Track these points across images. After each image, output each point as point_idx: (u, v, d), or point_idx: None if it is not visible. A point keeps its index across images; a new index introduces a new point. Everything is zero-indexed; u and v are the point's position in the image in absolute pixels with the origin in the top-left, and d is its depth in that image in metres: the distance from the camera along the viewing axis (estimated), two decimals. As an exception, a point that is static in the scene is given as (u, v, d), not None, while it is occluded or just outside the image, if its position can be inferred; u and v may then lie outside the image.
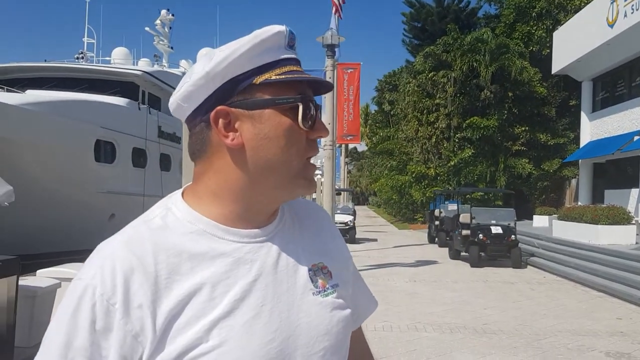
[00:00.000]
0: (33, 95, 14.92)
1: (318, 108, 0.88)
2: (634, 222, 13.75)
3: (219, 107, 0.84)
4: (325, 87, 0.92)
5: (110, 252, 0.82)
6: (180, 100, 0.87)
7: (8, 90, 13.91)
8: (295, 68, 0.86)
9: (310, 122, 0.86)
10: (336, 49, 12.81)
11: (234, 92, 0.84)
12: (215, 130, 0.84)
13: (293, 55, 0.87)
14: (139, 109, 19.62)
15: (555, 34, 23.59)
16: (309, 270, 0.92)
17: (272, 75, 0.83)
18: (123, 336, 0.77)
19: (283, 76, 0.84)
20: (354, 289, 1.04)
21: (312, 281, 0.91)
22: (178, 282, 0.81)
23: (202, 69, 0.84)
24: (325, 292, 0.92)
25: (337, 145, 19.64)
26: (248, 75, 0.83)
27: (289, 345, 0.85)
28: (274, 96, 0.84)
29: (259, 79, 0.83)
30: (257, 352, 0.81)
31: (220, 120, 0.84)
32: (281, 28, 0.85)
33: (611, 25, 17.92)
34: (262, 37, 0.83)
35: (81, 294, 0.78)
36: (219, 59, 0.83)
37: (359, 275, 1.11)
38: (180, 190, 0.93)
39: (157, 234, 0.84)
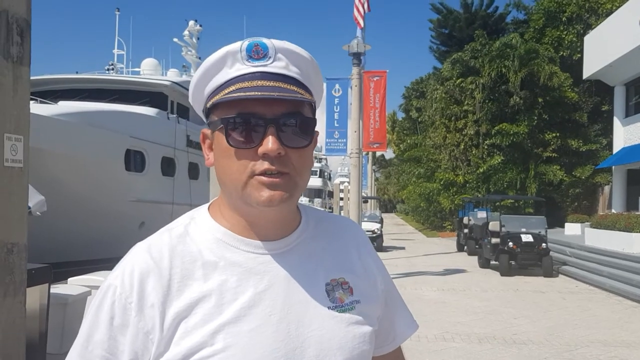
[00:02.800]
0: (65, 106, 15.28)
1: (273, 122, 0.85)
2: (669, 229, 13.38)
3: (202, 130, 0.94)
4: (271, 99, 0.85)
5: (132, 255, 0.90)
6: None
7: (41, 102, 14.26)
8: (253, 83, 0.85)
9: (240, 140, 0.85)
10: (362, 57, 12.80)
11: (207, 114, 0.92)
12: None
13: (252, 70, 0.86)
14: (168, 118, 19.91)
15: (586, 39, 23.19)
16: (327, 284, 0.94)
17: (220, 96, 0.87)
18: (136, 332, 0.83)
19: (223, 97, 0.86)
20: (388, 308, 1.05)
21: (329, 295, 0.93)
22: (190, 287, 0.86)
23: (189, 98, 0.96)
24: (343, 308, 0.93)
25: (364, 153, 19.57)
26: (209, 99, 0.90)
27: (296, 356, 0.86)
28: (219, 118, 0.88)
29: (209, 102, 0.90)
30: (260, 359, 0.84)
31: (207, 141, 0.94)
32: (231, 47, 0.87)
33: (644, 29, 17.53)
34: (209, 64, 0.88)
35: (104, 292, 0.87)
36: (190, 88, 0.93)
37: (397, 295, 1.10)
38: (208, 203, 0.99)
39: (176, 241, 0.90)
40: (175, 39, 27.74)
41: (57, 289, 5.64)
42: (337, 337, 0.90)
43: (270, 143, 0.84)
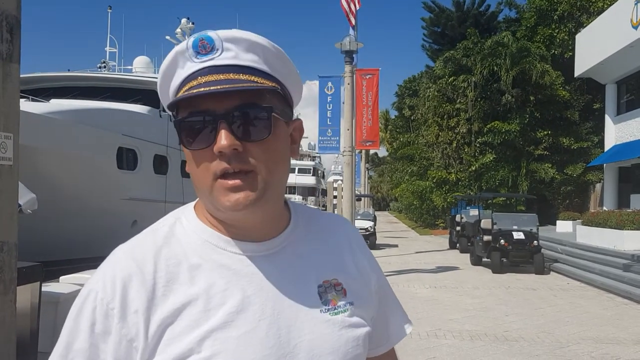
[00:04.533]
0: (57, 104, 15.21)
1: (210, 119, 0.80)
2: (660, 227, 13.48)
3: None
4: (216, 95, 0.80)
5: (114, 259, 0.85)
6: None
7: (33, 100, 14.18)
8: (202, 80, 0.80)
9: (194, 141, 0.81)
10: (354, 55, 12.81)
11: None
12: None
13: (200, 66, 0.82)
14: (160, 116, 19.84)
15: (578, 37, 23.30)
16: (319, 286, 0.90)
17: (171, 101, 0.85)
18: (119, 340, 0.79)
19: (173, 99, 0.83)
20: (382, 308, 1.01)
21: (321, 298, 0.89)
22: (175, 291, 0.81)
23: None
24: (336, 310, 0.89)
25: (358, 151, 19.59)
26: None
27: None
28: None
29: (166, 108, 0.87)
30: None
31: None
32: (179, 47, 0.84)
33: (635, 27, 17.63)
34: (162, 71, 0.86)
35: (85, 298, 0.82)
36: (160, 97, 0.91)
37: (391, 294, 1.06)
38: (194, 202, 0.94)
39: (161, 243, 0.86)
40: (167, 37, 27.62)
41: (49, 287, 5.61)
42: (329, 342, 0.86)
43: (223, 139, 0.78)
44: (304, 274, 0.89)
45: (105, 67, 24.81)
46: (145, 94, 19.86)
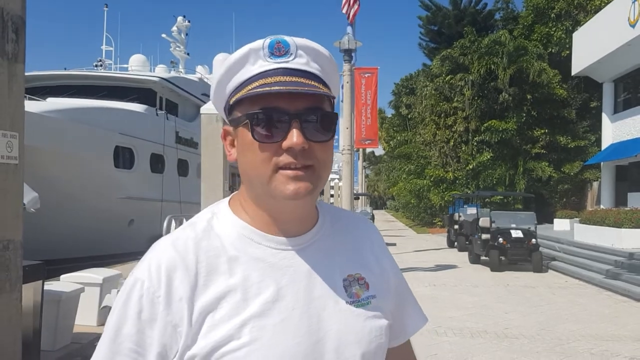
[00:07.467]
0: (54, 103, 15.18)
1: (297, 117, 0.87)
2: (657, 225, 13.53)
3: (224, 127, 0.95)
4: (304, 91, 0.87)
5: (158, 250, 0.91)
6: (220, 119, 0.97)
7: (30, 99, 14.13)
8: (276, 79, 0.87)
9: (265, 134, 0.87)
10: (353, 54, 12.82)
11: (228, 112, 0.94)
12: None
13: (274, 66, 0.88)
14: (157, 114, 19.83)
15: (575, 35, 23.35)
16: (344, 280, 0.97)
17: (243, 93, 0.88)
18: (164, 326, 0.85)
19: (247, 93, 0.88)
20: (399, 303, 1.08)
21: (346, 291, 0.96)
22: (215, 281, 0.88)
23: (210, 96, 0.97)
24: (360, 302, 0.96)
25: (355, 149, 19.60)
26: (232, 95, 0.91)
27: (317, 349, 0.89)
28: (243, 114, 0.90)
29: (232, 99, 0.91)
30: (285, 352, 0.86)
31: (228, 138, 0.96)
32: (253, 45, 0.89)
33: (633, 25, 17.67)
34: (233, 60, 0.90)
35: (131, 287, 0.88)
36: (212, 86, 0.94)
37: (408, 290, 1.14)
38: (228, 197, 1.01)
39: (201, 236, 0.92)
40: (163, 35, 27.64)
41: (51, 286, 5.61)
42: (354, 331, 0.93)
43: (295, 137, 0.86)
44: (330, 268, 0.96)
45: (101, 65, 24.78)
46: (142, 93, 19.85)
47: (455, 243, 18.87)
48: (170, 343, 0.85)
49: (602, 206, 20.60)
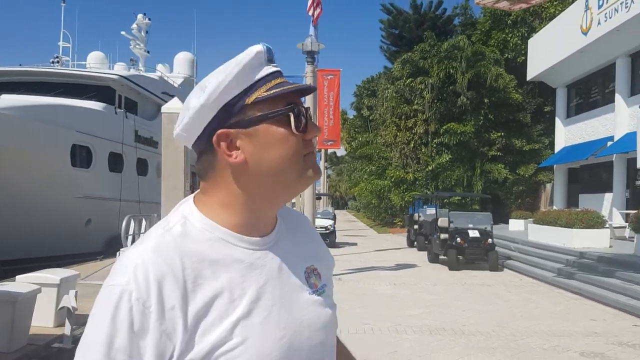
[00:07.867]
0: (8, 99, 14.70)
1: (307, 110, 0.98)
2: (607, 225, 14.07)
3: (219, 131, 0.93)
4: (309, 89, 1.02)
5: (141, 259, 0.88)
6: (182, 131, 0.97)
7: (-18, 95, 13.69)
8: (279, 80, 0.95)
9: (302, 126, 0.95)
10: (316, 56, 12.88)
11: (230, 114, 0.93)
12: (219, 151, 0.93)
13: (275, 69, 0.96)
14: (116, 113, 19.44)
15: (530, 42, 24.01)
16: (305, 272, 1.04)
17: (261, 93, 0.93)
18: (159, 336, 0.84)
19: (271, 91, 0.93)
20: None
21: (307, 282, 1.03)
22: (202, 286, 0.89)
23: (197, 103, 0.93)
24: (318, 292, 1.04)
25: (317, 150, 19.69)
26: (239, 98, 0.93)
27: (296, 339, 0.95)
28: (266, 111, 0.93)
29: (249, 99, 0.93)
30: (272, 346, 0.91)
31: (222, 143, 0.93)
32: (259, 48, 0.94)
33: (585, 33, 18.32)
34: (244, 62, 0.92)
35: (118, 298, 0.85)
36: (210, 91, 0.92)
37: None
38: (191, 200, 1.00)
39: (179, 241, 0.92)
40: (123, 32, 27.09)
41: (6, 286, 5.48)
42: (320, 319, 1.01)
43: (317, 128, 0.98)
44: (294, 262, 1.02)
45: (58, 62, 24.14)
46: (101, 90, 19.42)
47: (415, 243, 19.12)
48: (164, 351, 0.85)
49: (554, 207, 21.25)
